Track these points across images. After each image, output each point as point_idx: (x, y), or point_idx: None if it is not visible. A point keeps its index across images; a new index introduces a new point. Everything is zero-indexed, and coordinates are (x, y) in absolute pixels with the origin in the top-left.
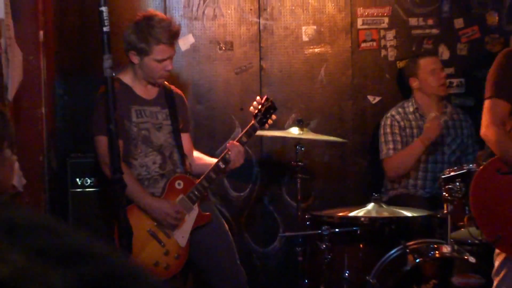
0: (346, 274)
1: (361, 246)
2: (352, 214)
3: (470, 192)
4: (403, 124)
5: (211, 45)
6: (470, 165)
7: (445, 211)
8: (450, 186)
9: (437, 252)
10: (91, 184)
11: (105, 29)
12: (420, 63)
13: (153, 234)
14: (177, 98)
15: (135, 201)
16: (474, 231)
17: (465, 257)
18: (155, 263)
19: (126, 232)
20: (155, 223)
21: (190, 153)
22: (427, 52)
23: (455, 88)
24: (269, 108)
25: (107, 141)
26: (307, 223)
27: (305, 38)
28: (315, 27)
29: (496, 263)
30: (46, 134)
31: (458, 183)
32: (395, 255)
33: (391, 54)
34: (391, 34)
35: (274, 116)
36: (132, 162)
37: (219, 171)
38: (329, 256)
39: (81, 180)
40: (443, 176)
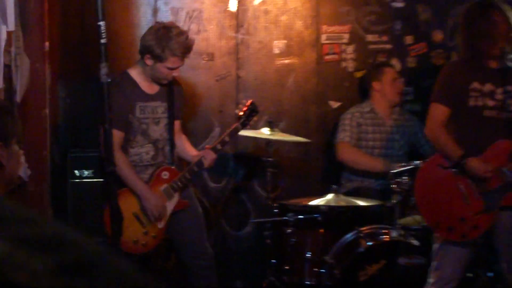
0: (308, 255)
1: (321, 231)
2: (313, 203)
3: (415, 185)
4: (360, 122)
5: (195, 56)
6: (415, 161)
7: (394, 201)
8: (398, 180)
9: (386, 236)
10: (88, 176)
11: (102, 41)
12: (385, 70)
13: (137, 216)
14: (175, 89)
15: (130, 186)
16: (417, 218)
17: (410, 241)
18: (135, 241)
19: (117, 218)
20: (139, 207)
21: (178, 135)
22: (389, 64)
23: (405, 96)
24: (252, 111)
25: (114, 133)
26: (275, 210)
27: (276, 51)
28: (285, 41)
29: (435, 245)
30: (49, 132)
31: (405, 177)
32: (350, 238)
33: (350, 65)
34: (350, 49)
35: (255, 118)
36: (128, 150)
37: (194, 172)
38: (294, 239)
39: (80, 172)
40: (392, 171)
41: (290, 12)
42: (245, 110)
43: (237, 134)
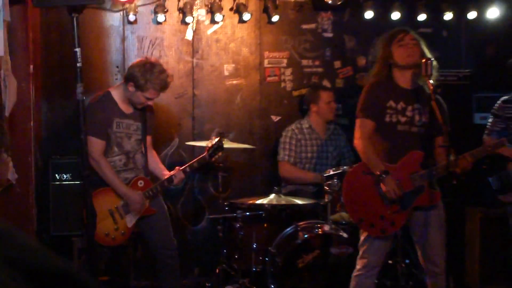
0: (254, 246)
1: (265, 225)
2: (258, 202)
3: (343, 187)
4: (300, 137)
5: None
6: (344, 167)
7: (326, 200)
8: (329, 182)
9: (320, 229)
10: (67, 179)
11: (78, 64)
12: (321, 94)
13: (112, 213)
14: (148, 112)
15: (113, 188)
16: (345, 215)
17: (340, 233)
18: (106, 234)
19: (91, 215)
20: (115, 205)
21: (149, 149)
22: (325, 87)
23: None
24: (218, 147)
25: (97, 142)
26: (226, 208)
27: (226, 73)
28: (233, 65)
29: (361, 238)
30: (33, 141)
31: (335, 180)
32: (289, 232)
33: (289, 85)
34: (288, 71)
35: (220, 154)
36: (106, 157)
37: (164, 186)
38: (242, 233)
39: (60, 175)
40: (325, 175)
41: (238, 41)
42: (213, 144)
43: (204, 162)
